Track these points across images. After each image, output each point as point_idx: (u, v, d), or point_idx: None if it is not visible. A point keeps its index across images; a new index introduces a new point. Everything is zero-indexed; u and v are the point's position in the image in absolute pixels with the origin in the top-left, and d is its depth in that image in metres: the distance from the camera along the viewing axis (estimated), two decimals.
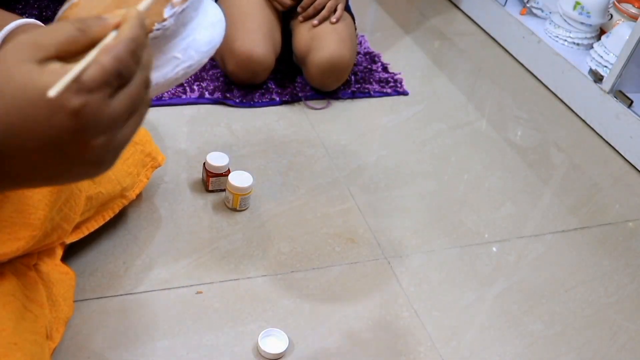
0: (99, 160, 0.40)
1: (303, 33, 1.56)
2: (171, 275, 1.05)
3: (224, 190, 1.21)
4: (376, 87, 1.65)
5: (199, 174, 1.25)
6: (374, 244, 1.19)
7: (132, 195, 1.07)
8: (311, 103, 1.55)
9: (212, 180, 1.21)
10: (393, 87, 1.66)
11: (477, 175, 1.42)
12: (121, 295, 1.00)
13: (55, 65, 0.37)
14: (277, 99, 1.53)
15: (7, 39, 0.62)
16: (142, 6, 0.42)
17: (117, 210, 1.05)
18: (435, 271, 1.16)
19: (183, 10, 0.51)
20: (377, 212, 1.26)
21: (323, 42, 1.52)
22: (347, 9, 1.64)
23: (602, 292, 1.19)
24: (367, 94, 1.62)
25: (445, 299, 1.11)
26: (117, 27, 0.40)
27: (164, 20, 0.50)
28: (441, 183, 1.37)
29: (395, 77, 1.71)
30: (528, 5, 1.95)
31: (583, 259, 1.26)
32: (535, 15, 1.95)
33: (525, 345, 1.06)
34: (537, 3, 1.95)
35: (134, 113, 0.41)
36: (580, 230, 1.33)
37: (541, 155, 1.54)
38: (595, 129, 1.66)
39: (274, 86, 1.56)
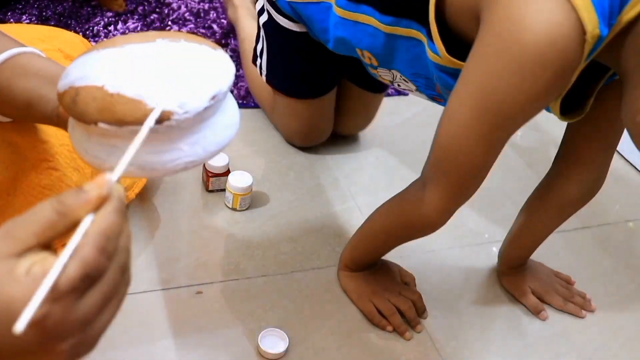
0: (72, 355, 0.38)
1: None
2: (171, 275, 1.05)
3: (224, 190, 1.21)
4: None
5: (199, 174, 1.25)
6: None
7: (131, 195, 1.07)
8: None
9: (212, 180, 1.21)
10: (393, 87, 1.66)
11: None
12: None
13: (28, 266, 0.36)
14: None
15: (2, 67, 0.62)
16: (115, 175, 0.40)
17: None
18: (435, 271, 1.16)
19: (205, 108, 0.49)
20: None
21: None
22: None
23: (602, 292, 1.19)
24: None
25: (445, 299, 1.11)
26: (98, 205, 0.38)
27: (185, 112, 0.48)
28: None
29: None
30: None
31: (583, 259, 1.26)
32: None
33: (525, 345, 1.06)
34: None
35: (110, 302, 0.39)
36: (581, 230, 1.33)
37: (541, 155, 1.54)
38: None
39: None
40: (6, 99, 0.62)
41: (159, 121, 0.47)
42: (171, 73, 0.49)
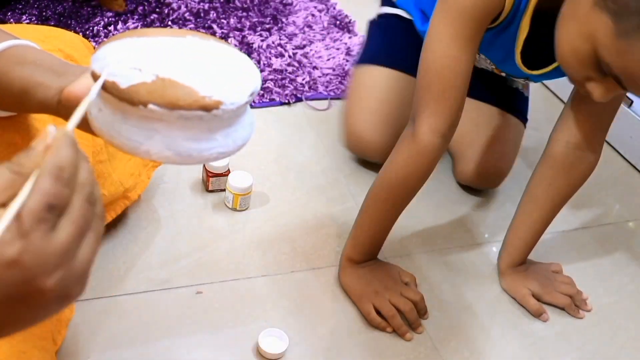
0: (64, 294, 0.39)
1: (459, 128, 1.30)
2: (171, 275, 1.05)
3: (224, 190, 1.21)
4: None
5: (199, 174, 1.25)
6: None
7: (134, 195, 1.07)
8: (313, 103, 1.54)
9: (212, 180, 1.21)
10: None
11: None
12: (121, 295, 1.00)
13: None
14: (277, 99, 1.53)
15: None
16: (71, 124, 0.42)
17: (119, 211, 1.05)
18: (435, 271, 1.16)
19: (245, 103, 0.52)
20: None
21: (469, 151, 1.32)
22: (521, 109, 1.41)
23: (602, 292, 1.19)
24: None
25: (445, 299, 1.11)
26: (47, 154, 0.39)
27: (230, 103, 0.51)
28: (441, 183, 1.37)
29: None
30: None
31: (583, 259, 1.26)
32: None
33: (525, 345, 1.06)
34: None
35: (86, 234, 0.40)
36: (581, 230, 1.33)
37: (541, 155, 1.53)
38: None
39: (273, 86, 1.56)
40: (2, 88, 0.62)
41: (208, 109, 0.49)
42: (213, 67, 0.51)
